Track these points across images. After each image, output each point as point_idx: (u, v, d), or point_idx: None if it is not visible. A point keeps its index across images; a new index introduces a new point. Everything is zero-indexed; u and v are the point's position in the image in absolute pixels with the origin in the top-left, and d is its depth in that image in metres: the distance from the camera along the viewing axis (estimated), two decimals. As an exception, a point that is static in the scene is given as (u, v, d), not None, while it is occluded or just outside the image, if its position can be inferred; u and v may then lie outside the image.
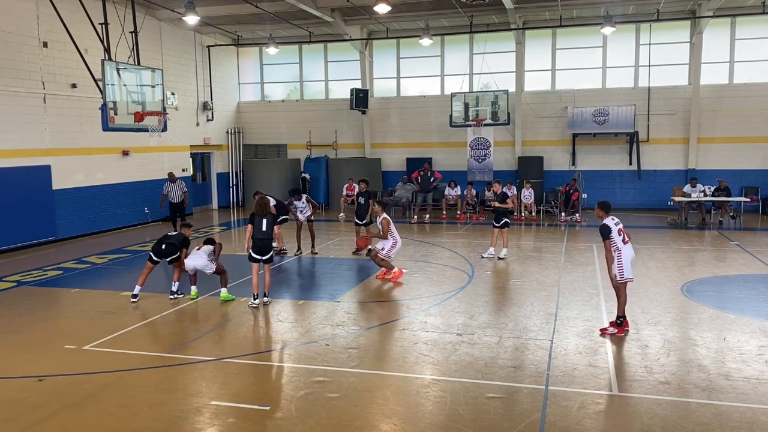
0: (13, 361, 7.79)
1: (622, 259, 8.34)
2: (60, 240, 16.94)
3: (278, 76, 26.54)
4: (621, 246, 8.38)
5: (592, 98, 22.55)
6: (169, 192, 17.97)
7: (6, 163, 15.33)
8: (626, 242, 8.44)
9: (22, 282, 12.25)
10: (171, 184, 18.06)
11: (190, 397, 6.56)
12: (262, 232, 10.00)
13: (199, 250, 10.52)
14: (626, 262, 8.35)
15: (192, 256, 10.48)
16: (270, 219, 10.12)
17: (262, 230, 9.99)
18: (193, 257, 10.44)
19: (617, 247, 8.38)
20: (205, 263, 10.37)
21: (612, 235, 8.38)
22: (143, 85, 14.23)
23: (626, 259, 8.36)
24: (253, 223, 10.02)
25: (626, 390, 6.61)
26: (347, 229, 18.75)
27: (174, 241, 10.51)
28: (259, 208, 10.18)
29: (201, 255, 10.44)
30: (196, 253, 10.51)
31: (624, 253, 8.36)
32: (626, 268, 8.36)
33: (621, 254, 8.35)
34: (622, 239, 8.42)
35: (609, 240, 8.39)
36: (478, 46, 23.31)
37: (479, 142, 22.72)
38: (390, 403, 6.40)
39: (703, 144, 22.07)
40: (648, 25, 21.99)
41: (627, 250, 8.40)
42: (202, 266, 10.38)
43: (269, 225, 10.08)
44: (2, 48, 15.23)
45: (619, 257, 8.35)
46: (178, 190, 17.98)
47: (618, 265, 8.36)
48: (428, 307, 9.99)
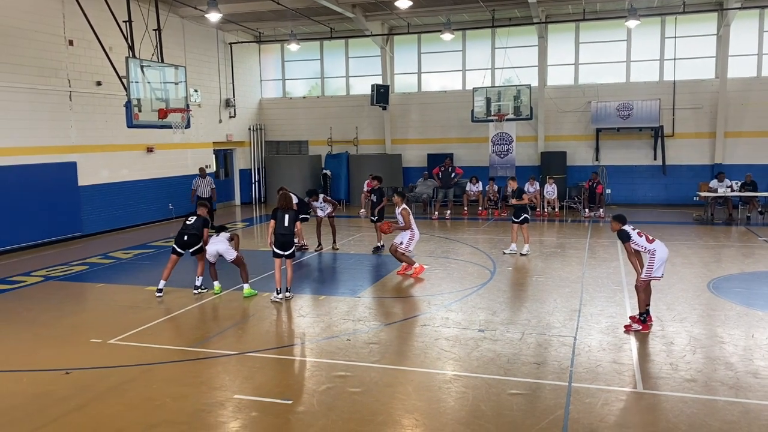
0: (42, 355, 7.93)
1: (655, 258, 8.24)
2: (86, 236, 17.20)
3: (299, 72, 26.61)
4: (649, 246, 8.28)
5: (616, 92, 22.25)
6: (198, 187, 18.32)
7: (33, 160, 15.58)
8: (651, 241, 8.33)
9: (50, 277, 12.46)
10: (201, 179, 18.40)
11: (213, 391, 6.61)
12: (284, 227, 10.04)
13: (218, 236, 10.66)
14: (658, 262, 8.25)
15: (212, 241, 10.64)
16: (292, 215, 10.15)
17: (284, 225, 10.03)
18: (214, 242, 10.61)
19: (646, 248, 8.29)
20: (227, 247, 10.52)
21: (633, 239, 8.31)
22: (167, 82, 14.37)
23: (660, 258, 8.26)
24: (276, 218, 10.07)
25: (651, 387, 6.53)
26: (368, 225, 18.76)
27: (194, 230, 10.63)
28: (282, 202, 10.26)
29: (221, 239, 10.60)
30: (215, 238, 10.67)
31: (658, 253, 8.26)
32: (656, 267, 8.25)
33: (655, 253, 8.25)
34: (646, 239, 8.33)
35: (630, 242, 8.33)
36: (500, 41, 23.13)
37: (501, 137, 22.57)
38: (411, 399, 6.39)
39: (730, 138, 21.68)
40: (673, 18, 21.64)
41: (660, 250, 8.29)
42: (224, 250, 10.51)
43: (291, 221, 10.10)
44: (29, 46, 15.47)
45: (652, 256, 8.25)
46: (207, 186, 18.31)
47: (649, 264, 8.27)
48: (449, 303, 9.96)
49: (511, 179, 14.72)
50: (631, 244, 8.34)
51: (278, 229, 10.03)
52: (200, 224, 10.71)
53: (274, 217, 10.08)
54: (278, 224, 10.03)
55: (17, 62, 15.14)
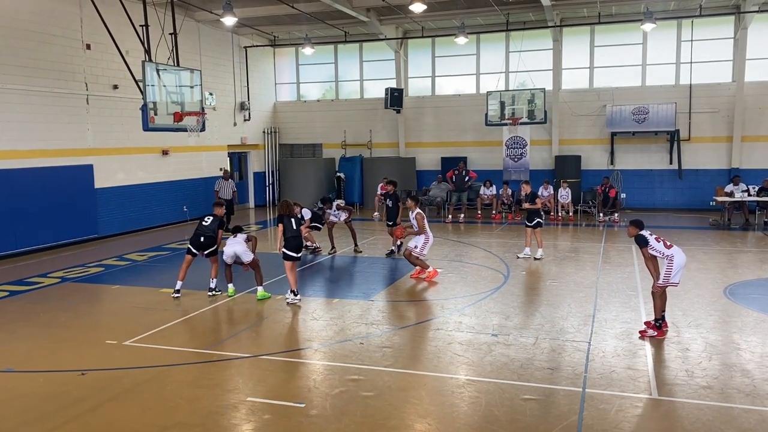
0: (58, 356, 8.02)
1: (673, 264, 8.17)
2: (102, 237, 17.36)
3: (314, 76, 26.71)
4: (667, 251, 8.19)
5: (632, 96, 22.11)
6: (221, 189, 18.57)
7: (51, 163, 15.77)
8: (669, 246, 8.24)
9: (66, 278, 12.59)
10: (223, 181, 18.73)
11: (226, 393, 6.65)
12: (293, 230, 10.24)
13: (235, 238, 10.72)
14: (676, 268, 8.18)
15: (229, 242, 10.69)
16: (297, 219, 10.43)
17: (293, 228, 10.24)
18: (231, 243, 10.66)
19: (664, 254, 8.21)
20: (244, 249, 10.59)
21: (651, 243, 8.23)
22: (182, 85, 14.46)
23: (678, 264, 8.19)
24: (283, 223, 10.21)
25: (666, 394, 6.47)
26: (381, 229, 18.76)
27: (210, 232, 10.73)
28: (284, 209, 10.39)
29: (239, 240, 10.67)
30: (232, 240, 10.71)
31: (676, 259, 8.18)
32: (674, 273, 8.19)
33: (673, 259, 8.18)
34: (664, 244, 8.24)
35: (647, 247, 8.25)
36: (514, 44, 23.08)
37: (515, 140, 22.50)
38: (424, 403, 6.38)
39: (747, 142, 21.45)
40: (690, 21, 21.48)
41: (678, 256, 8.22)
42: (241, 252, 10.56)
43: (297, 224, 10.38)
44: (48, 50, 15.67)
45: (670, 262, 8.17)
46: (229, 188, 18.56)
47: (666, 270, 8.19)
48: (463, 307, 9.94)
49: (525, 183, 14.65)
50: (649, 250, 8.26)
51: (288, 233, 10.17)
52: (216, 225, 10.80)
53: (281, 221, 10.21)
54: (287, 229, 10.17)
55: (36, 66, 15.35)
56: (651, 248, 8.24)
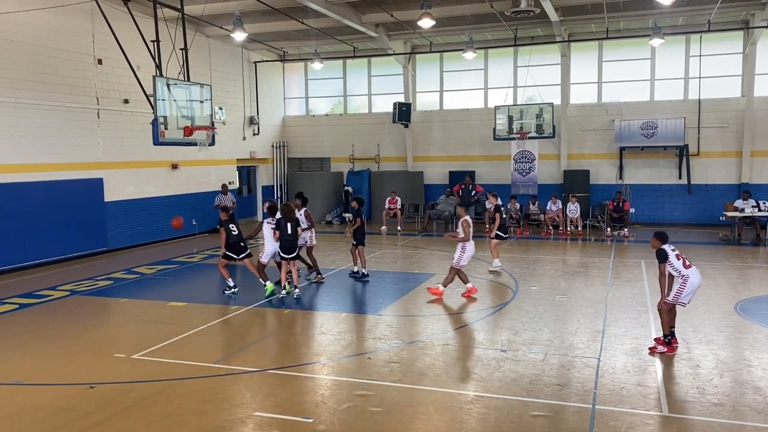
0: (66, 369, 8.03)
1: (686, 284, 8.04)
2: (111, 251, 17.42)
3: (323, 90, 26.85)
4: (684, 270, 8.06)
5: (640, 111, 22.09)
6: (220, 202, 18.94)
7: (61, 176, 15.89)
8: (689, 266, 8.11)
9: (75, 291, 12.64)
10: (222, 195, 19.33)
11: (234, 408, 6.63)
12: (288, 234, 11.13)
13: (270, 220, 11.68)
14: (689, 288, 8.05)
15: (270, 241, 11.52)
16: (294, 223, 11.33)
17: (288, 233, 11.17)
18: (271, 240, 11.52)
19: (680, 273, 8.07)
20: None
21: (670, 260, 8.09)
22: (192, 100, 14.58)
23: (692, 285, 8.06)
24: (280, 226, 11.12)
25: (677, 411, 6.40)
26: (389, 242, 18.76)
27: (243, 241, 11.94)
28: (286, 212, 11.31)
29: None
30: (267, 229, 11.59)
31: (691, 280, 8.05)
32: (685, 293, 8.06)
33: (687, 280, 8.05)
34: (683, 263, 8.10)
35: (666, 263, 8.10)
36: (522, 59, 23.14)
37: (523, 155, 22.50)
38: (433, 419, 6.34)
39: (757, 158, 21.35)
40: (699, 37, 21.47)
41: (694, 277, 8.08)
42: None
43: (293, 228, 11.27)
44: (60, 65, 15.85)
45: (684, 282, 8.05)
46: (228, 201, 19.06)
47: (678, 289, 8.06)
48: (471, 322, 9.89)
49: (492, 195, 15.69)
50: (667, 266, 8.11)
51: (284, 236, 11.10)
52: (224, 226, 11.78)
53: (278, 226, 11.17)
54: (283, 232, 11.11)
55: (48, 80, 15.52)
56: (669, 264, 8.10)
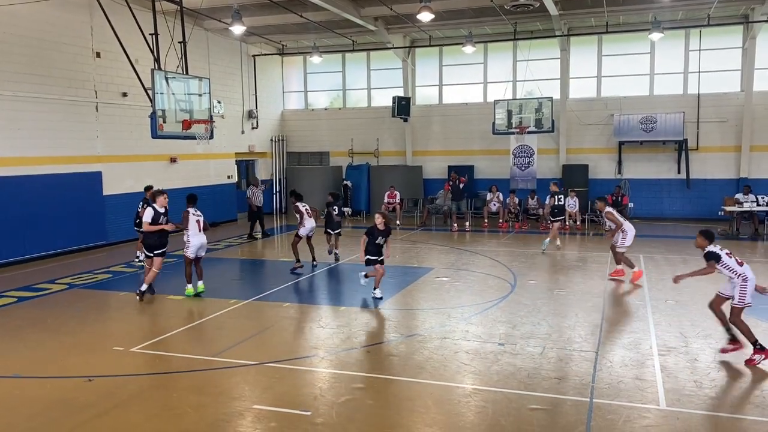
0: (65, 362, 8.04)
1: (747, 283, 7.67)
2: (110, 244, 17.42)
3: (321, 84, 26.82)
4: (739, 269, 7.69)
5: (639, 105, 22.08)
6: (253, 196, 19.00)
7: (60, 170, 15.87)
8: (741, 264, 7.76)
9: (74, 285, 12.64)
10: (255, 188, 19.22)
11: (232, 401, 6.64)
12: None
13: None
14: (751, 286, 7.69)
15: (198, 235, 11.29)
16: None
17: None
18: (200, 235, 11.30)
19: (737, 273, 7.69)
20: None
21: (723, 260, 7.72)
22: (191, 93, 14.54)
23: (751, 284, 7.70)
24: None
25: (674, 405, 6.42)
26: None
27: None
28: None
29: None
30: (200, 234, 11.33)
31: (750, 277, 7.69)
32: (749, 294, 7.67)
33: (747, 278, 7.67)
34: (737, 262, 7.75)
35: (720, 263, 7.72)
36: (521, 53, 23.11)
37: (522, 149, 22.49)
38: (431, 412, 6.36)
39: (756, 152, 21.36)
40: (698, 31, 21.45)
41: (750, 273, 7.71)
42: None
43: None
44: (58, 59, 15.81)
45: (744, 281, 7.67)
46: (260, 195, 19.11)
47: (741, 290, 7.68)
48: (469, 315, 9.91)
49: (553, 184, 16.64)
50: (719, 266, 7.69)
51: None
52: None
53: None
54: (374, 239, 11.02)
55: (46, 74, 15.48)
56: (723, 265, 7.71)
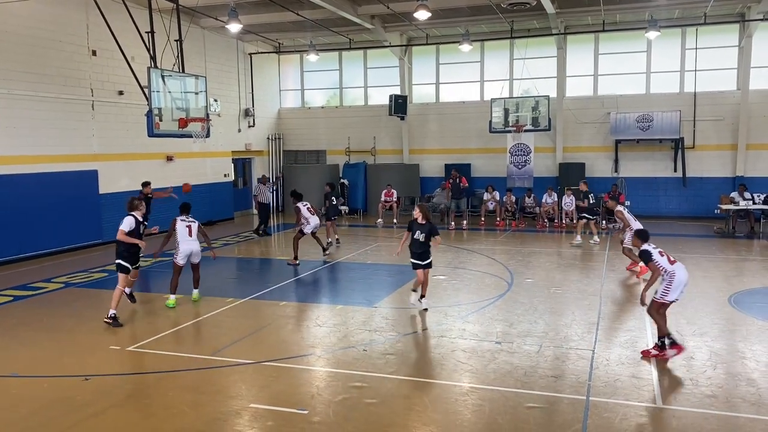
0: (62, 361, 8.02)
1: (673, 281, 7.74)
2: (106, 243, 17.33)
3: (318, 82, 26.78)
4: (669, 267, 7.79)
5: (636, 104, 22.11)
6: (260, 193, 19.09)
7: (56, 168, 15.82)
8: (673, 262, 7.87)
9: (70, 283, 12.62)
10: (262, 185, 19.29)
11: (229, 400, 6.64)
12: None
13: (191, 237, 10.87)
14: (677, 285, 7.75)
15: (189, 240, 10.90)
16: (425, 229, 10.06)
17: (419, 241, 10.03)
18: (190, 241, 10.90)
19: (666, 270, 7.79)
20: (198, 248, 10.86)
21: (654, 258, 7.86)
22: (187, 92, 14.51)
23: (678, 282, 7.75)
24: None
25: (671, 403, 6.44)
26: (385, 235, 18.78)
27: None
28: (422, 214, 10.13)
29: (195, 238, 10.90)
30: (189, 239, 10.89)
31: (678, 276, 7.75)
32: (673, 290, 7.76)
33: (674, 276, 7.74)
34: (668, 259, 7.86)
35: (652, 262, 7.86)
36: (518, 52, 23.09)
37: (519, 148, 22.50)
38: (428, 411, 6.36)
39: (752, 151, 21.40)
40: (694, 29, 21.48)
41: (681, 273, 7.79)
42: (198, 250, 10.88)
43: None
44: (54, 57, 15.76)
45: (671, 279, 7.75)
46: (267, 192, 19.24)
47: (665, 287, 7.78)
48: (466, 314, 9.91)
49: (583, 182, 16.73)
50: (654, 264, 7.85)
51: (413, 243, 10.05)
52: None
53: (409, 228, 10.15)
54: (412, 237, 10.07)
55: (42, 72, 15.43)
56: (655, 263, 7.87)
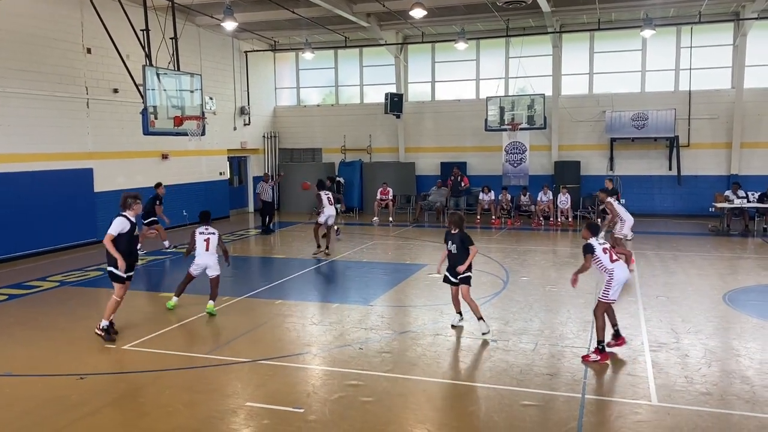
0: (57, 360, 8.00)
1: (613, 280, 7.69)
2: (101, 241, 17.23)
3: (314, 80, 26.74)
4: (609, 265, 7.73)
5: (631, 102, 22.15)
6: (263, 191, 19.09)
7: (51, 166, 15.77)
8: (614, 261, 7.81)
9: (65, 282, 12.58)
10: (265, 184, 19.29)
11: (225, 398, 6.64)
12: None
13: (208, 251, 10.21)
14: (616, 284, 7.71)
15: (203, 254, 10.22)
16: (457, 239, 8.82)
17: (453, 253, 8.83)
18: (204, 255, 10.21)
19: (606, 268, 7.75)
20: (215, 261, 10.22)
21: (595, 253, 7.80)
22: (182, 90, 14.50)
23: (618, 281, 7.70)
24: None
25: (665, 400, 6.46)
26: (381, 233, 18.79)
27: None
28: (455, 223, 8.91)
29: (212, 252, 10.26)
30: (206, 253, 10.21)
31: (616, 274, 7.70)
32: (614, 289, 7.73)
33: (613, 274, 7.70)
34: (609, 258, 7.80)
35: (590, 255, 7.82)
36: (514, 50, 23.12)
37: (515, 146, 22.53)
38: (423, 409, 6.37)
39: (746, 149, 21.49)
40: (689, 28, 21.53)
41: (619, 272, 7.72)
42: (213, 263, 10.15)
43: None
44: (48, 54, 15.69)
45: (611, 277, 7.71)
46: (270, 190, 19.21)
47: (606, 286, 7.75)
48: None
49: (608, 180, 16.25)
50: (592, 260, 7.82)
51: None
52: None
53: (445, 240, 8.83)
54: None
55: (36, 69, 15.36)
56: (595, 259, 7.80)
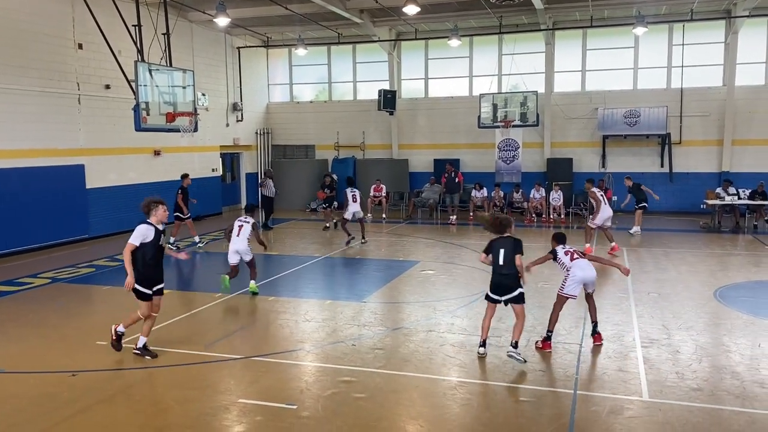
0: (48, 357, 7.97)
1: (569, 276, 7.90)
2: (93, 238, 17.26)
3: (307, 77, 26.68)
4: (569, 263, 7.94)
5: (623, 99, 22.23)
6: (265, 186, 19.26)
7: (42, 163, 15.68)
8: (574, 260, 7.97)
9: (57, 279, 12.52)
10: (267, 179, 19.50)
11: (218, 395, 6.63)
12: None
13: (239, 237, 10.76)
14: (572, 281, 7.88)
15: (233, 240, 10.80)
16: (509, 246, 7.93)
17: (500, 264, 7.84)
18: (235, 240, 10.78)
19: (566, 266, 7.97)
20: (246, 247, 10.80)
21: (559, 257, 8.07)
22: (175, 86, 14.45)
23: (574, 278, 7.86)
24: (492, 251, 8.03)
25: (657, 396, 6.50)
26: (374, 230, 18.78)
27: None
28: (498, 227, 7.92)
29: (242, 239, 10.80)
30: (236, 238, 10.78)
31: (573, 273, 7.87)
32: (569, 285, 7.91)
33: (570, 272, 7.90)
34: (570, 258, 7.99)
35: (551, 254, 8.13)
36: (507, 47, 23.14)
37: (508, 143, 22.57)
38: (416, 405, 6.39)
39: (737, 146, 21.61)
40: (681, 26, 21.61)
41: (576, 271, 7.86)
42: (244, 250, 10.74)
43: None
44: (39, 50, 15.58)
45: (568, 273, 7.92)
46: (272, 186, 19.38)
47: (563, 282, 7.98)
48: (455, 309, 9.95)
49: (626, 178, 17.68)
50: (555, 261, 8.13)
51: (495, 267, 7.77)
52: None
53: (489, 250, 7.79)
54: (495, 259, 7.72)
55: (27, 65, 15.26)
56: (558, 260, 8.08)
